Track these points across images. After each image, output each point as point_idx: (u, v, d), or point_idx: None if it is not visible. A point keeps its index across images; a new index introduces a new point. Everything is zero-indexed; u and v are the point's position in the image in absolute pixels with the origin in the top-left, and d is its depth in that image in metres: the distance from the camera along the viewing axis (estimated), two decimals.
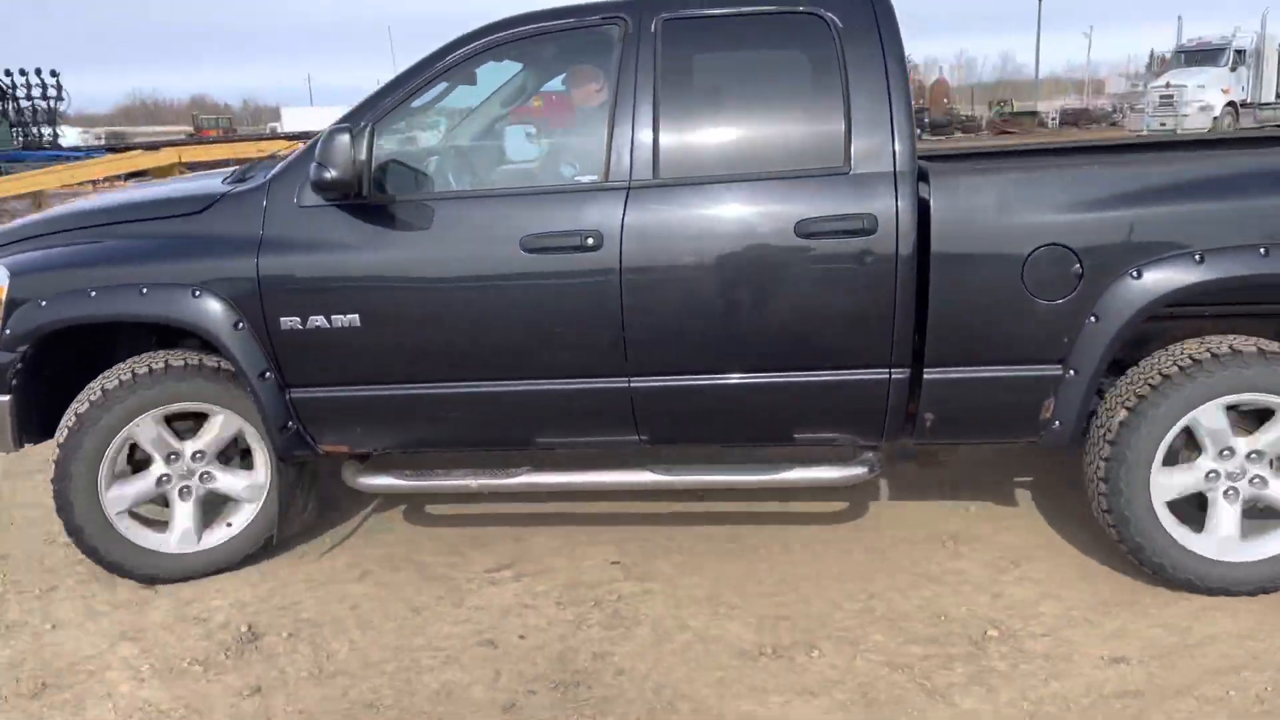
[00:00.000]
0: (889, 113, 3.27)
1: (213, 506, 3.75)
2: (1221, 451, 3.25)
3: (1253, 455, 3.26)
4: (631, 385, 3.45)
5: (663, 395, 3.47)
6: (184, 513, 3.65)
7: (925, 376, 3.34)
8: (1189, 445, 3.29)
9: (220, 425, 3.61)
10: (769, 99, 3.56)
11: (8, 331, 3.52)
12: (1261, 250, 3.10)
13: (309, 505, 3.97)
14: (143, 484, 3.61)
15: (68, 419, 3.53)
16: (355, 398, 3.57)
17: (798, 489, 3.86)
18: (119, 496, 3.57)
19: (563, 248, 3.33)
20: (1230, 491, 3.28)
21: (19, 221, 3.94)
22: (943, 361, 3.33)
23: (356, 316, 3.42)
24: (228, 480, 3.69)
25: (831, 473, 3.57)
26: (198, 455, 3.63)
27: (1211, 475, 3.27)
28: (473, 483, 3.70)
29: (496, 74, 3.92)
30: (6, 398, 3.58)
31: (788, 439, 3.63)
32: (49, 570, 3.82)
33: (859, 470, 3.52)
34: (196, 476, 3.65)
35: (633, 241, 3.31)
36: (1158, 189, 3.21)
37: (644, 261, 3.32)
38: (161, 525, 3.68)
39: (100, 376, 3.57)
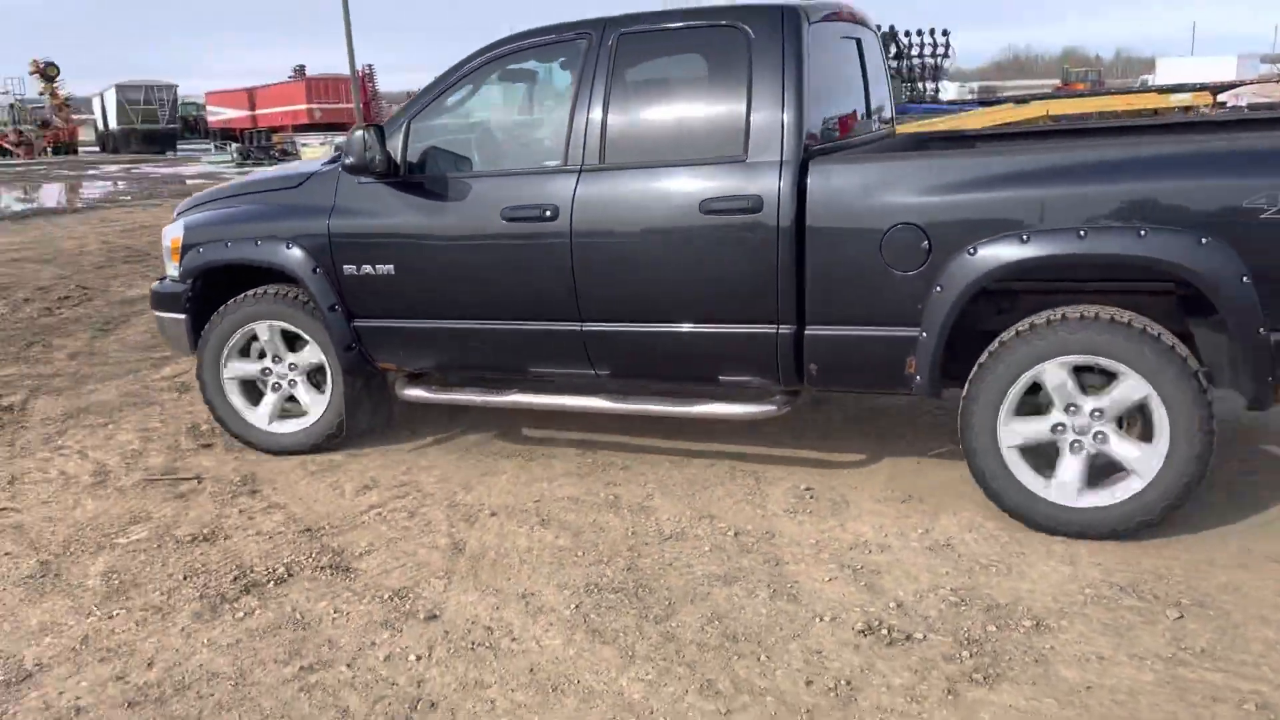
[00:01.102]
0: (782, 110, 3.90)
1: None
2: (1068, 407, 3.64)
3: (1095, 413, 3.60)
4: (583, 329, 4.31)
5: (606, 338, 4.30)
6: (307, 398, 5.00)
7: (806, 332, 3.98)
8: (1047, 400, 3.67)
9: (268, 330, 4.88)
10: (692, 98, 4.31)
11: (182, 268, 4.99)
12: (1080, 233, 3.46)
13: (377, 408, 5.09)
14: (270, 400, 5.02)
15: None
16: (395, 328, 4.66)
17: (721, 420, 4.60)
18: (252, 407, 5.04)
19: (529, 218, 4.22)
20: (1076, 444, 3.66)
21: (207, 189, 5.29)
22: (821, 320, 3.94)
23: (392, 267, 4.53)
24: (303, 357, 4.92)
25: (743, 409, 4.25)
26: (276, 359, 4.97)
27: (1058, 428, 3.67)
28: (476, 399, 4.79)
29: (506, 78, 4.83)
30: (184, 316, 5.04)
31: (713, 379, 4.28)
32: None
33: (767, 409, 4.20)
34: (289, 370, 4.97)
35: (580, 213, 4.16)
36: (995, 176, 3.63)
37: (588, 229, 4.16)
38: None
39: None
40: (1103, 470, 3.69)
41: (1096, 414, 3.61)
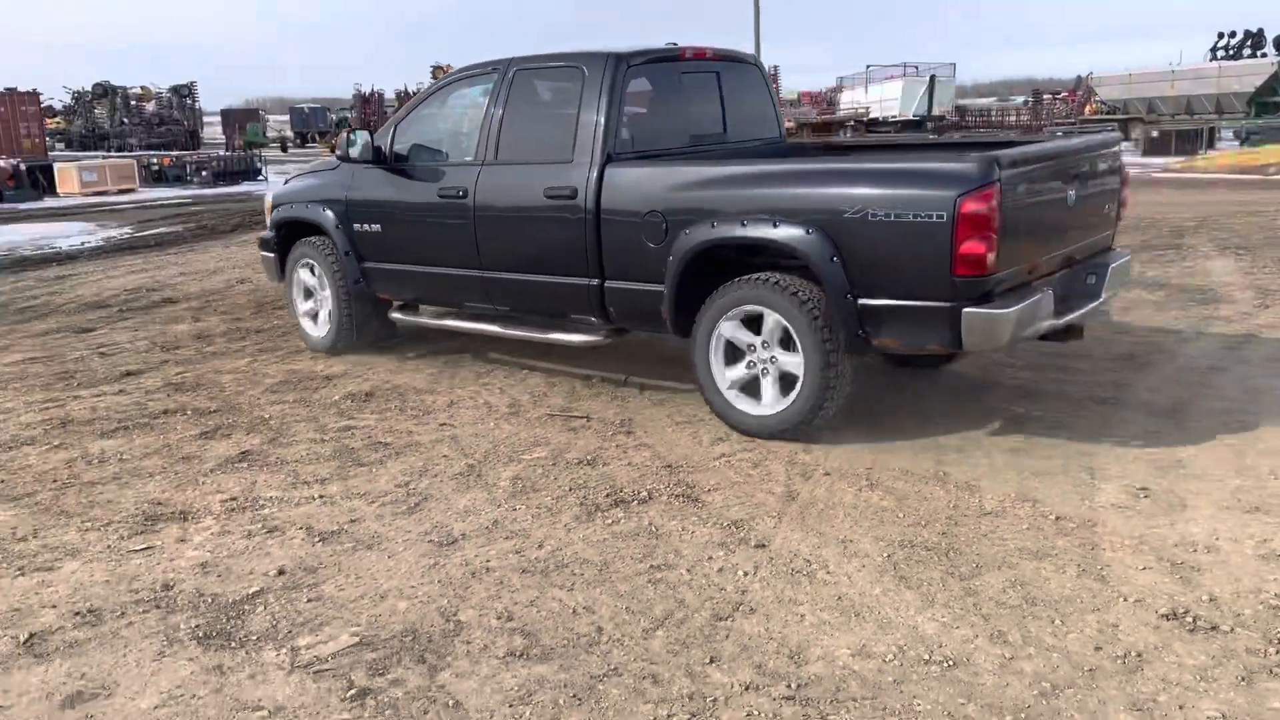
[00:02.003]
0: (594, 127, 5.44)
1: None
2: (764, 343, 5.05)
3: (772, 359, 5.04)
4: (484, 275, 6.06)
5: (496, 282, 6.03)
6: (324, 318, 7.20)
7: (605, 285, 5.51)
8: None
9: (315, 270, 7.09)
10: (549, 115, 5.97)
11: (270, 222, 7.42)
12: (742, 222, 4.91)
13: (382, 327, 7.09)
14: (310, 303, 7.29)
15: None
16: (384, 269, 6.68)
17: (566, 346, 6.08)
18: (302, 309, 7.32)
19: (449, 195, 6.05)
20: (750, 363, 5.12)
21: (303, 167, 7.83)
22: (613, 276, 5.47)
23: (379, 225, 6.58)
24: (325, 296, 7.10)
25: (577, 337, 5.82)
26: (322, 284, 7.08)
27: (750, 347, 5.10)
28: (429, 322, 6.75)
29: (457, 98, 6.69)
30: (273, 255, 7.47)
31: (565, 316, 5.88)
32: None
33: (594, 338, 5.76)
34: (324, 293, 7.08)
35: (479, 193, 5.92)
36: (701, 180, 5.18)
37: (483, 205, 5.91)
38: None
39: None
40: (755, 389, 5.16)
41: (773, 360, 5.03)
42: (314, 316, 7.29)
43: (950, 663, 3.06)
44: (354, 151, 6.51)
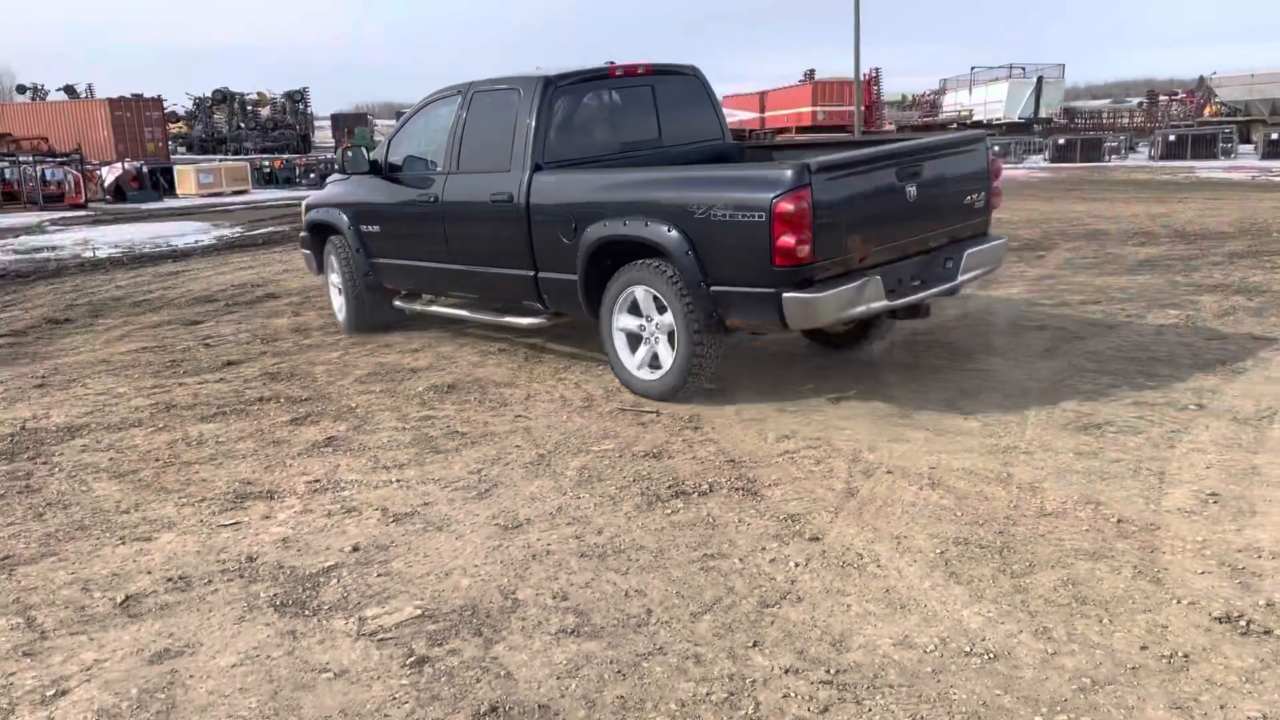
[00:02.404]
0: (527, 140, 6.41)
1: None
2: (657, 322, 5.84)
3: (656, 338, 5.90)
4: (454, 268, 7.10)
5: (463, 274, 7.09)
6: (339, 302, 8.40)
7: (538, 275, 6.47)
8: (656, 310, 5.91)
9: (333, 260, 8.21)
10: (495, 131, 6.72)
11: (305, 223, 8.50)
12: (624, 222, 5.78)
13: (386, 314, 8.15)
14: (339, 278, 8.27)
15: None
16: (386, 263, 7.77)
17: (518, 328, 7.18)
18: (334, 283, 8.39)
19: (425, 200, 7.11)
20: (642, 327, 5.94)
21: (331, 177, 8.78)
22: (545, 268, 6.42)
23: (378, 226, 7.70)
24: (339, 277, 8.25)
25: (524, 320, 6.85)
26: (338, 265, 8.21)
27: (643, 325, 5.94)
28: (419, 308, 7.89)
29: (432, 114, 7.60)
30: (309, 251, 8.56)
31: (518, 302, 6.84)
32: None
33: (538, 320, 6.76)
34: (342, 279, 8.16)
35: (445, 198, 6.98)
36: (598, 186, 6.11)
37: (449, 207, 6.96)
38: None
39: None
40: (640, 348, 6.04)
41: (657, 339, 5.88)
42: (341, 291, 8.40)
43: (991, 656, 3.09)
44: (350, 166, 7.70)
